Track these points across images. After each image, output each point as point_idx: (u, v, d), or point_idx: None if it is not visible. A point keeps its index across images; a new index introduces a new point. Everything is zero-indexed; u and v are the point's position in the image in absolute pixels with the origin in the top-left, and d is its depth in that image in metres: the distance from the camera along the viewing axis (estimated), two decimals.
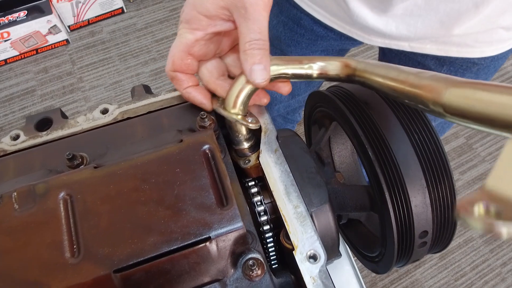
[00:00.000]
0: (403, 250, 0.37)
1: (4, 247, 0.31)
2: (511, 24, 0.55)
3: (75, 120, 0.42)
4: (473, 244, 1.49)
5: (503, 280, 1.42)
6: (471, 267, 1.44)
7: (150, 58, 2.01)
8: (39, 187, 0.33)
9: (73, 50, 2.05)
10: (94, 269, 0.30)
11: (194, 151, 0.35)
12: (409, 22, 0.54)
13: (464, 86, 0.24)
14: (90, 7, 2.07)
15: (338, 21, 0.62)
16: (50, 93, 1.91)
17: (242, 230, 0.32)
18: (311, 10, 0.64)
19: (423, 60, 0.64)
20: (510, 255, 1.47)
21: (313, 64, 0.36)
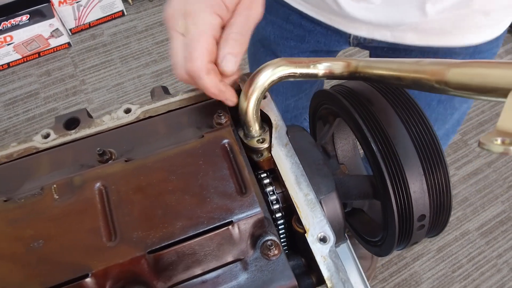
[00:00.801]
0: (403, 233, 0.41)
1: (48, 233, 0.35)
2: (489, 9, 0.57)
3: (100, 119, 0.45)
4: (469, 237, 1.53)
5: (499, 271, 1.47)
6: (468, 259, 1.49)
7: (151, 60, 2.05)
8: (76, 179, 0.37)
9: (75, 53, 2.08)
10: (130, 250, 0.33)
11: (215, 145, 0.38)
12: (386, 9, 0.57)
13: (462, 65, 0.30)
14: (91, 11, 2.10)
15: (324, 12, 0.65)
16: (53, 95, 1.94)
17: (260, 214, 0.36)
18: (298, 5, 0.68)
19: (406, 53, 0.67)
20: (505, 246, 1.52)
21: (318, 65, 0.40)
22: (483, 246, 1.52)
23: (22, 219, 0.35)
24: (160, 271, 0.34)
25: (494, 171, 1.70)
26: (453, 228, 1.55)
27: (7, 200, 0.36)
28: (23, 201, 0.36)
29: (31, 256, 0.34)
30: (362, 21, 0.61)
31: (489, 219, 1.57)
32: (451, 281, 1.44)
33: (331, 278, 0.35)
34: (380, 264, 1.47)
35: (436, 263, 1.48)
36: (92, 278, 0.33)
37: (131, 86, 1.97)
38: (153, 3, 2.28)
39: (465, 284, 1.44)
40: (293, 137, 0.44)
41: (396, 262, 1.48)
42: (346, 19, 0.64)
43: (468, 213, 1.58)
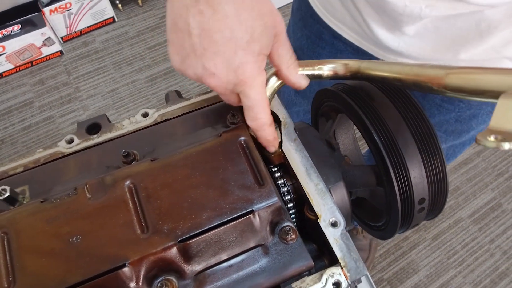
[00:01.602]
0: (405, 215, 0.45)
1: (84, 229, 0.38)
2: None
3: (120, 124, 0.48)
4: (462, 224, 1.59)
5: (492, 255, 1.53)
6: (462, 246, 1.54)
7: (144, 65, 2.07)
8: (107, 179, 0.40)
9: (67, 61, 2.09)
10: (162, 240, 0.37)
11: (232, 142, 0.42)
12: (419, 44, 0.60)
13: (459, 70, 0.33)
14: (82, 18, 2.11)
15: (356, 35, 0.68)
16: (48, 104, 1.95)
17: (277, 203, 0.39)
18: (333, 25, 0.70)
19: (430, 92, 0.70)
20: (497, 232, 1.58)
21: (323, 66, 0.44)
22: (476, 233, 1.58)
23: (59, 217, 0.38)
24: (189, 259, 0.38)
25: (483, 160, 1.76)
26: (446, 217, 1.60)
27: (44, 201, 0.39)
28: (58, 201, 0.39)
29: (70, 250, 0.37)
30: (393, 50, 0.63)
31: (481, 206, 1.63)
32: (447, 267, 1.50)
33: (344, 257, 0.39)
34: (378, 255, 1.52)
35: (431, 250, 1.53)
36: (129, 267, 0.36)
37: (125, 91, 1.99)
38: (143, 8, 2.30)
39: (460, 269, 1.49)
40: (301, 132, 0.48)
41: (393, 251, 1.52)
42: (377, 46, 0.66)
43: (460, 202, 1.64)
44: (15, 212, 0.39)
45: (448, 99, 0.71)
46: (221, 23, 0.35)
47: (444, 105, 0.72)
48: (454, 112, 0.73)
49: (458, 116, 0.74)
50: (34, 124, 1.88)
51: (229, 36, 0.35)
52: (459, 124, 0.76)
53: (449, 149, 0.86)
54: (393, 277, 1.48)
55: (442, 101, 0.72)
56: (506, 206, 1.64)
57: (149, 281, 0.37)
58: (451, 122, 0.76)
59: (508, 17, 0.53)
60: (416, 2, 0.53)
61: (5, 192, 0.40)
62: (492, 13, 0.53)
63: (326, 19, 0.71)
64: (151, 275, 0.37)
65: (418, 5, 0.53)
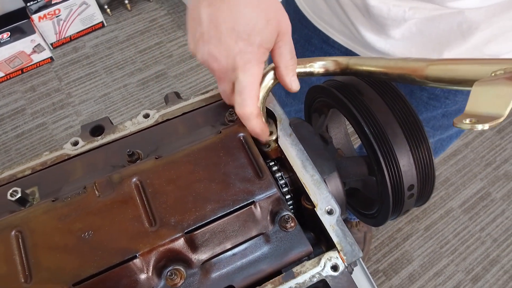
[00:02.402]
0: (396, 202, 0.48)
1: (95, 225, 0.40)
2: (496, 53, 0.63)
3: (123, 125, 0.51)
4: (453, 214, 1.63)
5: (483, 243, 1.57)
6: (454, 235, 1.59)
7: (135, 69, 2.08)
8: (114, 177, 0.42)
9: (58, 67, 2.10)
10: (170, 233, 0.39)
11: (232, 138, 0.44)
12: (405, 46, 0.63)
13: (438, 62, 0.36)
14: (71, 24, 2.12)
15: (345, 38, 0.71)
16: (41, 110, 1.95)
17: (276, 194, 0.42)
18: (322, 28, 0.73)
19: (416, 88, 0.73)
20: (486, 220, 1.62)
21: (314, 64, 0.47)
22: (466, 222, 1.62)
23: (71, 215, 0.40)
24: (196, 249, 0.40)
25: (471, 151, 1.80)
26: (438, 207, 1.65)
27: (55, 200, 0.41)
28: (69, 200, 0.41)
29: (83, 245, 0.39)
30: (381, 52, 0.66)
31: (470, 196, 1.68)
32: (440, 256, 1.54)
33: (340, 242, 0.42)
34: (373, 247, 1.55)
35: (424, 241, 1.57)
36: (139, 258, 0.38)
37: (118, 95, 2.00)
38: (132, 12, 2.32)
39: (453, 258, 1.54)
40: (295, 127, 0.50)
41: (387, 243, 1.56)
42: (366, 48, 0.69)
43: (450, 192, 1.68)
44: (28, 212, 0.41)
45: (434, 97, 0.74)
46: (227, 15, 0.39)
47: (431, 102, 0.75)
48: (440, 109, 0.76)
49: (444, 112, 0.77)
50: (27, 131, 1.88)
51: (232, 27, 0.39)
52: (446, 119, 0.79)
53: (437, 143, 0.90)
54: (388, 268, 1.51)
55: (428, 99, 0.75)
56: (495, 195, 1.69)
57: (159, 271, 0.39)
58: (438, 118, 0.79)
59: (488, 18, 0.56)
60: (400, 6, 0.56)
61: (16, 194, 0.42)
62: (473, 15, 0.56)
63: (316, 22, 0.73)
64: (161, 265, 0.39)
65: (402, 8, 0.56)
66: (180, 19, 2.28)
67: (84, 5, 2.08)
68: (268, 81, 0.45)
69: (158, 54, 2.13)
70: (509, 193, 1.69)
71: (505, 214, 1.64)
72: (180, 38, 2.19)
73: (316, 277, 0.40)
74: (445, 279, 1.50)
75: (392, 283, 1.48)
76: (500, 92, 0.30)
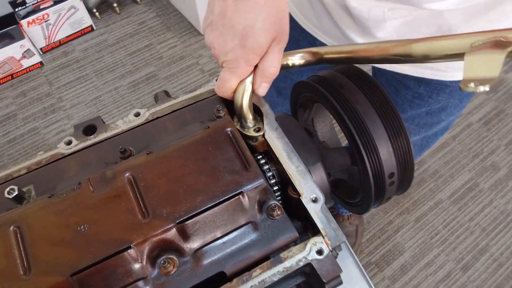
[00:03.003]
0: (378, 189, 0.51)
1: (91, 219, 0.42)
2: None
3: (115, 124, 0.52)
4: (443, 205, 1.67)
5: (472, 233, 1.61)
6: (443, 225, 1.62)
7: (126, 71, 2.09)
8: (108, 173, 0.44)
9: (48, 72, 2.10)
10: (162, 223, 0.41)
11: (220, 133, 0.47)
12: None
13: (421, 41, 0.41)
14: (60, 28, 2.12)
15: (331, 40, 0.73)
16: (32, 115, 1.95)
17: (263, 184, 0.44)
18: (309, 29, 0.75)
19: (404, 79, 0.76)
20: (475, 210, 1.66)
21: (291, 57, 0.49)
22: (456, 212, 1.66)
23: (67, 209, 0.42)
24: (187, 238, 0.42)
25: (459, 143, 1.84)
26: (427, 199, 1.68)
27: (51, 196, 0.43)
28: (65, 195, 0.43)
29: (79, 238, 0.41)
30: None
31: (459, 187, 1.72)
32: (430, 247, 1.57)
33: (324, 228, 0.44)
34: (365, 239, 1.58)
35: (415, 232, 1.60)
36: (134, 249, 0.40)
37: (109, 98, 2.01)
38: (121, 15, 2.32)
39: (443, 248, 1.57)
40: (281, 122, 0.52)
41: (379, 236, 1.59)
42: None
43: (439, 184, 1.72)
44: (25, 208, 0.42)
45: (418, 95, 0.77)
46: (232, 13, 0.43)
47: (415, 101, 0.78)
48: (424, 107, 0.79)
49: (428, 110, 0.80)
50: (19, 136, 1.88)
51: (233, 25, 0.43)
52: (430, 117, 0.82)
53: (423, 140, 0.93)
54: (380, 260, 1.54)
55: (413, 97, 0.78)
56: (482, 186, 1.73)
57: (153, 260, 0.41)
58: (423, 116, 0.82)
59: (466, 20, 0.59)
60: (379, 6, 0.58)
61: (13, 192, 0.44)
62: (452, 16, 0.58)
63: (303, 24, 0.76)
64: (154, 255, 0.41)
65: (381, 9, 0.59)
66: (169, 21, 2.29)
67: (73, 9, 2.09)
68: (251, 78, 0.47)
69: (148, 56, 2.15)
70: (496, 184, 1.73)
71: (493, 204, 1.68)
72: (170, 40, 2.20)
73: (302, 261, 0.42)
74: (436, 268, 1.53)
75: (385, 275, 1.51)
76: (489, 58, 0.36)
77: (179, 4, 2.29)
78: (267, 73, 0.47)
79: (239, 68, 0.46)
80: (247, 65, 0.46)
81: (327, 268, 0.42)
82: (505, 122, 1.91)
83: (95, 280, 0.39)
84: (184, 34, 2.23)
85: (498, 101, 1.97)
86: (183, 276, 0.41)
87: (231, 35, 0.44)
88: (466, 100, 0.81)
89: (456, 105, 0.80)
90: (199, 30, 2.22)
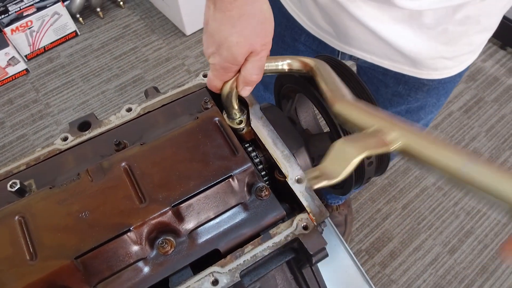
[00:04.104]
0: (357, 170, 0.54)
1: (91, 206, 0.45)
2: (453, 56, 0.70)
3: (108, 120, 0.55)
4: (428, 192, 1.72)
5: (457, 217, 1.67)
6: (429, 211, 1.68)
7: (112, 75, 2.10)
8: (105, 163, 0.47)
9: (34, 78, 2.10)
10: (159, 207, 0.44)
11: (208, 122, 0.50)
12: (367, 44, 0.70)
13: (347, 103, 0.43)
14: (44, 35, 2.12)
15: (316, 28, 0.77)
16: (20, 122, 1.95)
17: (251, 168, 0.48)
18: (296, 16, 0.79)
19: (383, 78, 0.79)
20: (459, 195, 1.72)
21: (280, 62, 0.52)
22: (441, 198, 1.71)
23: (68, 198, 0.45)
24: (183, 220, 0.45)
25: (441, 132, 1.90)
26: (413, 187, 1.74)
27: (52, 187, 0.46)
28: (65, 186, 0.46)
29: (81, 224, 0.43)
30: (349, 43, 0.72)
31: None
32: (418, 232, 1.62)
33: (309, 205, 0.48)
34: (355, 228, 1.63)
35: (403, 219, 1.66)
36: (133, 231, 0.43)
37: (96, 102, 2.02)
38: (104, 20, 2.33)
39: (430, 233, 1.63)
40: (266, 111, 0.56)
41: (368, 224, 1.64)
42: (338, 39, 0.75)
43: (424, 172, 1.78)
44: (28, 199, 0.45)
45: (397, 94, 0.81)
46: (211, 22, 0.46)
47: (394, 99, 0.82)
48: (404, 105, 0.83)
49: (408, 108, 0.84)
50: (8, 143, 1.88)
51: (211, 33, 0.46)
52: (410, 115, 0.86)
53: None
54: (370, 247, 1.59)
55: (392, 96, 0.82)
56: None
57: (151, 242, 0.45)
58: (402, 113, 0.86)
59: (438, 25, 0.63)
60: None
61: (15, 185, 0.47)
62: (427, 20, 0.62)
63: (290, 9, 0.79)
64: (152, 236, 0.45)
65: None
66: (153, 23, 2.31)
67: (56, 15, 2.09)
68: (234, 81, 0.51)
69: (134, 59, 2.16)
70: None
71: None
72: (155, 42, 2.22)
73: (290, 236, 0.46)
74: (424, 253, 1.58)
75: (375, 261, 1.56)
76: (344, 155, 0.37)
77: (162, 7, 2.31)
78: (247, 80, 0.49)
79: (219, 73, 0.49)
80: (226, 72, 0.49)
81: (312, 242, 0.45)
82: (484, 109, 1.97)
83: (98, 262, 0.42)
84: (169, 36, 2.25)
85: (477, 90, 2.04)
86: (180, 255, 0.45)
87: (210, 41, 0.47)
88: (443, 99, 0.85)
89: (434, 104, 0.84)
90: (184, 31, 2.24)
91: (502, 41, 2.17)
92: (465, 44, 0.69)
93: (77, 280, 0.42)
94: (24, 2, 2.03)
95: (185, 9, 2.07)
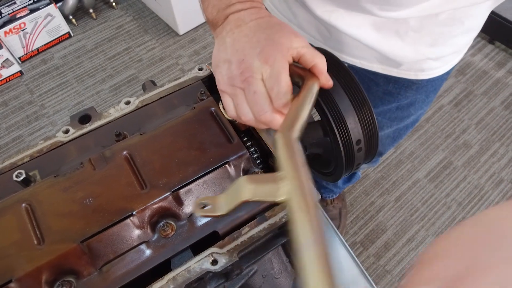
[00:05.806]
0: (347, 156, 0.57)
1: (95, 193, 0.47)
2: (438, 57, 0.72)
3: (107, 112, 0.57)
4: (420, 184, 1.76)
5: (448, 208, 1.71)
6: (422, 203, 1.71)
7: (106, 75, 2.12)
8: (106, 153, 0.49)
9: (28, 80, 2.11)
10: (159, 192, 0.47)
11: (205, 112, 0.52)
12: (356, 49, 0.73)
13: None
14: (37, 37, 2.13)
15: (306, 34, 0.79)
16: (15, 124, 1.96)
17: (246, 154, 0.50)
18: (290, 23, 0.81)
19: (374, 77, 0.82)
20: (451, 186, 1.76)
21: None
22: (433, 190, 1.75)
23: (72, 186, 0.47)
24: (182, 204, 0.48)
25: (432, 125, 1.94)
26: (405, 179, 1.77)
27: (56, 176, 0.48)
28: (69, 174, 0.48)
29: (86, 210, 0.46)
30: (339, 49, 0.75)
31: (434, 166, 1.81)
32: (411, 223, 1.66)
33: None
34: (349, 221, 1.66)
35: (396, 211, 1.69)
36: (136, 216, 0.45)
37: (91, 103, 2.03)
38: (97, 21, 2.35)
39: (423, 224, 1.66)
40: None
41: (362, 216, 1.67)
42: (331, 48, 0.77)
43: (416, 164, 1.81)
44: (34, 188, 0.47)
45: (388, 92, 0.84)
46: (231, 38, 0.45)
47: (385, 97, 0.86)
48: (394, 103, 0.86)
49: (398, 105, 0.87)
50: (4, 145, 1.89)
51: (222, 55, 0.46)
52: (400, 111, 0.90)
53: (395, 132, 1.00)
54: (364, 239, 1.62)
55: (383, 94, 0.85)
56: (456, 163, 1.83)
57: (153, 225, 0.47)
58: (393, 110, 0.89)
59: (422, 28, 0.66)
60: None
61: (21, 175, 0.49)
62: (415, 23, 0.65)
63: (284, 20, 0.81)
64: (154, 220, 0.47)
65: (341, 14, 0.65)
66: (146, 23, 2.32)
67: (49, 17, 2.10)
68: None
69: (127, 60, 2.18)
70: (469, 160, 1.83)
71: (467, 180, 1.78)
72: (148, 42, 2.24)
73: (284, 218, 0.48)
74: (417, 243, 1.62)
75: (370, 253, 1.59)
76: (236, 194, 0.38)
77: (155, 7, 2.32)
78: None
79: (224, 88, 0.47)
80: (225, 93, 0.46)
81: None
82: (474, 102, 2.02)
83: (103, 245, 0.45)
84: (162, 36, 2.27)
85: (466, 83, 2.08)
86: (181, 237, 0.47)
87: (216, 60, 0.47)
88: (432, 95, 0.88)
89: (423, 100, 0.87)
90: (177, 31, 2.26)
91: (490, 35, 2.21)
92: (450, 45, 0.72)
93: (83, 262, 0.44)
94: (17, 4, 2.04)
95: (178, 9, 2.09)
